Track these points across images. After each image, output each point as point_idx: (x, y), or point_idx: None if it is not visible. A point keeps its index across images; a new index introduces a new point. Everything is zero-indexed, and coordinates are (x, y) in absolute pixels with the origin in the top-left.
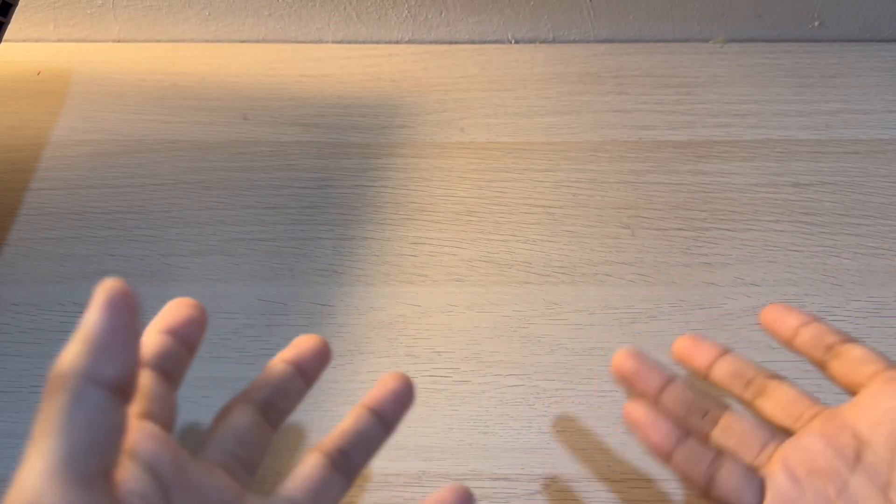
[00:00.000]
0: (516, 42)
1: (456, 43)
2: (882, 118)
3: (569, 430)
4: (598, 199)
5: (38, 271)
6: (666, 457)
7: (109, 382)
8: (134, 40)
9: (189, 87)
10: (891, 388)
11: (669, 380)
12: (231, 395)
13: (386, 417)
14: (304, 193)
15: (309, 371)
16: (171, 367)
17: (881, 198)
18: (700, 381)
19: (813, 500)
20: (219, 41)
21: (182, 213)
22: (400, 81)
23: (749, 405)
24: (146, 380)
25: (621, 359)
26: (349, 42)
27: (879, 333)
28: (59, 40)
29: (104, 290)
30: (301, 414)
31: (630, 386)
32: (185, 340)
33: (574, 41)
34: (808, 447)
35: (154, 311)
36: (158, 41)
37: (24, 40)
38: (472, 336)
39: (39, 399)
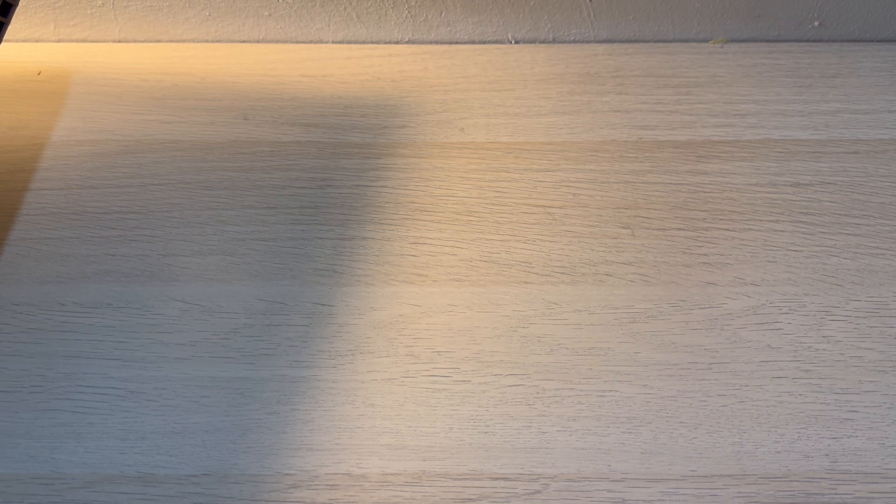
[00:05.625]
0: (516, 42)
1: (456, 43)
2: (882, 118)
3: (569, 430)
4: (598, 199)
5: (38, 271)
6: None
7: None
8: (134, 40)
9: (189, 88)
10: None
11: None
12: (231, 395)
13: None
14: (304, 193)
15: None
16: None
17: (881, 198)
18: None
19: None
20: (219, 41)
21: (182, 213)
22: (400, 81)
23: None
24: None
25: None
26: (349, 42)
27: (879, 333)
28: (59, 40)
29: None
30: (301, 414)
31: None
32: None
33: (574, 41)
34: None
35: (154, 311)
36: (159, 41)
37: (25, 40)
38: (472, 336)
39: (39, 399)
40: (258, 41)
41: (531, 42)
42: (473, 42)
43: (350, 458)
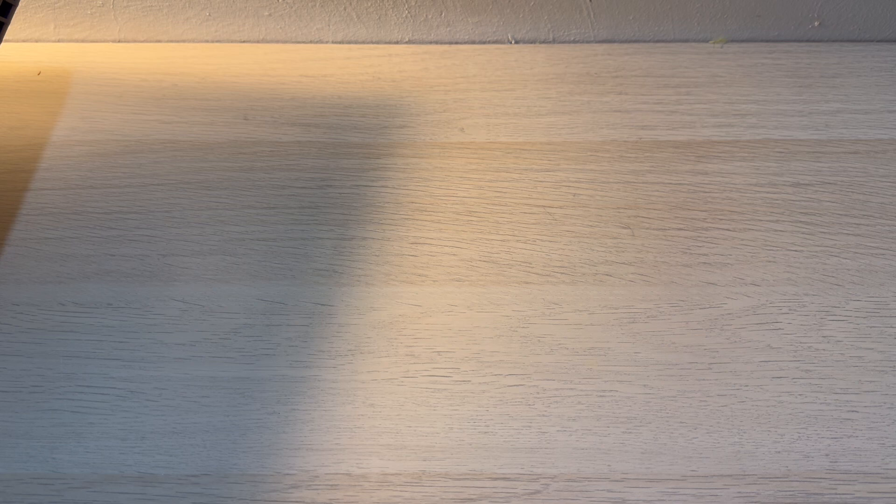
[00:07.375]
0: (516, 42)
1: (456, 43)
2: (882, 118)
3: (569, 430)
4: (598, 199)
5: (38, 271)
6: None
7: None
8: (134, 40)
9: (189, 88)
10: None
11: None
12: (231, 395)
13: None
14: (304, 193)
15: None
16: None
17: (881, 198)
18: None
19: None
20: (219, 41)
21: (182, 213)
22: (400, 81)
23: None
24: None
25: None
26: (349, 42)
27: (879, 333)
28: (59, 40)
29: None
30: (301, 414)
31: None
32: None
33: (574, 41)
34: None
35: (154, 311)
36: (159, 41)
37: (25, 40)
38: (472, 336)
39: (39, 399)
40: (258, 41)
41: (531, 42)
42: (473, 42)
43: (350, 458)
